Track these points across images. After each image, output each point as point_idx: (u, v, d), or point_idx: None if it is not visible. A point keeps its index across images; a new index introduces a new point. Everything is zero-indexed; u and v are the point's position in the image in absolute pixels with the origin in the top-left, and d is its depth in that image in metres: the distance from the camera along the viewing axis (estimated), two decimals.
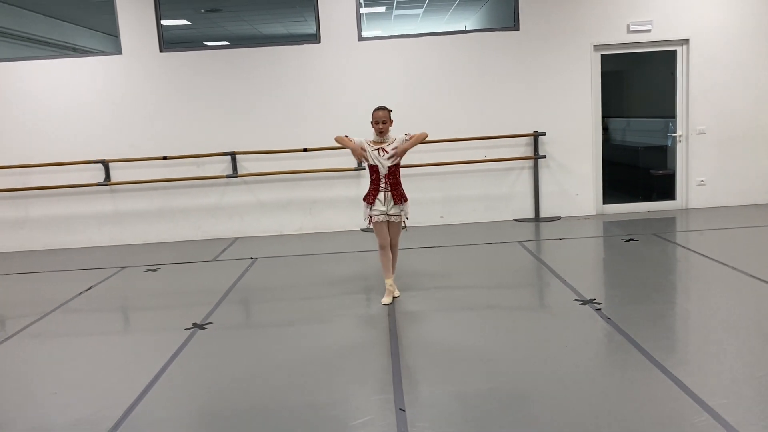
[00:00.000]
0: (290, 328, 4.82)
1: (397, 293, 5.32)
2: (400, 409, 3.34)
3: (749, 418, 3.07)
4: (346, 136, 5.26)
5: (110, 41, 10.91)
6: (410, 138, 5.10)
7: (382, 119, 5.03)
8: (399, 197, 5.10)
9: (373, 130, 5.11)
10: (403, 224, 5.22)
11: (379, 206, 5.09)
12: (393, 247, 5.25)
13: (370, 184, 5.18)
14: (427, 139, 8.01)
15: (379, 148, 5.07)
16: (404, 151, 5.09)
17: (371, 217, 5.13)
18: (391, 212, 5.11)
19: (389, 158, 5.06)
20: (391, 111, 5.15)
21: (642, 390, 3.42)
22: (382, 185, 5.09)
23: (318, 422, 3.29)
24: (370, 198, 5.13)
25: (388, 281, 5.20)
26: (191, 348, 4.47)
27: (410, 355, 4.12)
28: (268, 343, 4.53)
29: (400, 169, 5.19)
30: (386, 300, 5.17)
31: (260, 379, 3.90)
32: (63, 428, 3.42)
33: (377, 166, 5.08)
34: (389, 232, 5.18)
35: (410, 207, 5.27)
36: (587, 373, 3.74)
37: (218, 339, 4.65)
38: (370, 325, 4.78)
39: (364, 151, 5.09)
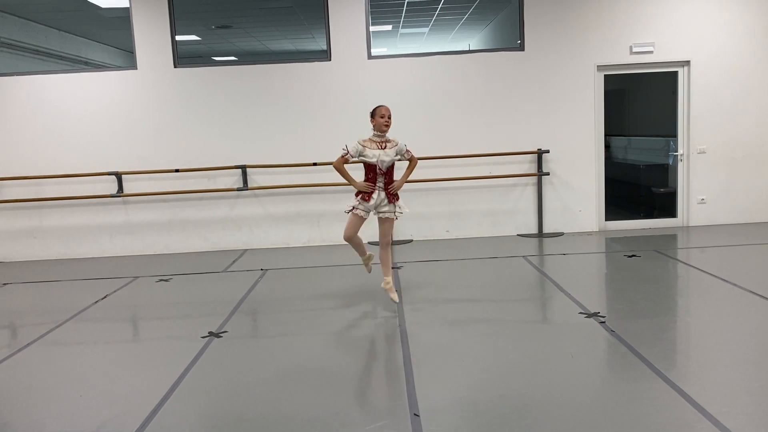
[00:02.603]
0: (304, 337, 4.96)
1: (396, 297, 5.45)
2: (415, 414, 3.48)
3: (749, 426, 3.21)
4: (344, 152, 5.27)
5: (121, 55, 11.14)
6: (408, 166, 5.40)
7: (388, 114, 5.21)
8: (393, 197, 5.26)
9: (371, 127, 5.24)
10: (395, 216, 5.33)
11: (370, 203, 5.24)
12: (386, 243, 5.37)
13: (365, 181, 5.29)
14: (433, 155, 8.27)
15: (378, 147, 5.19)
16: (402, 185, 5.33)
17: (354, 208, 5.27)
18: (383, 209, 5.26)
19: (386, 172, 5.22)
20: None
21: (645, 399, 3.56)
22: (379, 184, 5.23)
23: (336, 426, 3.43)
24: (365, 195, 5.26)
25: (366, 254, 5.56)
26: (209, 355, 4.61)
27: (421, 364, 4.25)
28: (283, 351, 4.67)
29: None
30: (366, 268, 5.65)
31: (277, 385, 4.04)
32: None
33: (375, 165, 5.19)
34: (382, 228, 5.33)
35: (403, 202, 5.41)
36: (593, 382, 3.89)
37: (234, 347, 4.80)
38: (380, 335, 4.92)
39: (364, 156, 5.19)
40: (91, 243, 8.54)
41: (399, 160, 5.38)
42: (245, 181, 8.38)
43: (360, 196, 5.30)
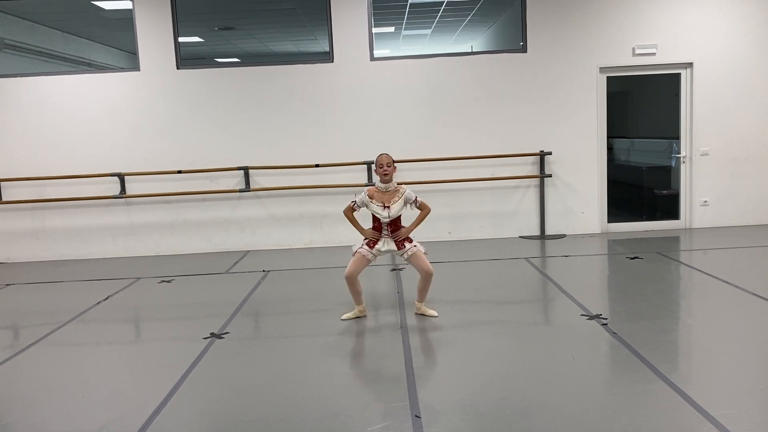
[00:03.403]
0: (305, 338, 4.97)
1: (434, 312, 5.31)
2: (416, 416, 3.48)
3: (752, 429, 3.20)
4: (353, 204, 5.23)
5: (124, 57, 11.17)
6: (418, 215, 5.21)
7: (388, 162, 5.08)
8: (401, 242, 5.13)
9: (377, 177, 5.17)
10: (417, 249, 5.15)
11: (379, 246, 5.13)
12: (426, 274, 5.13)
13: (372, 228, 5.21)
14: (435, 157, 8.28)
15: (382, 205, 5.09)
16: (408, 233, 5.17)
17: (358, 250, 5.14)
18: (400, 251, 5.12)
19: (391, 220, 5.10)
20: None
21: (648, 401, 3.55)
22: (384, 232, 5.16)
23: (337, 428, 3.43)
24: (370, 243, 5.15)
25: (359, 308, 5.31)
26: (211, 356, 4.61)
27: (423, 366, 4.26)
28: (285, 353, 4.67)
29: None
30: (347, 315, 5.32)
31: (279, 386, 4.04)
32: None
33: (379, 217, 5.14)
34: (416, 264, 5.12)
35: (418, 243, 5.21)
36: (594, 384, 3.89)
37: (236, 348, 4.80)
38: (382, 337, 4.92)
39: (367, 206, 5.15)
40: (94, 244, 8.56)
41: (404, 211, 5.18)
42: (247, 183, 8.39)
43: (366, 242, 5.22)
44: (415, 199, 5.18)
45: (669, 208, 8.93)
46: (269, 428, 3.47)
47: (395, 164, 5.18)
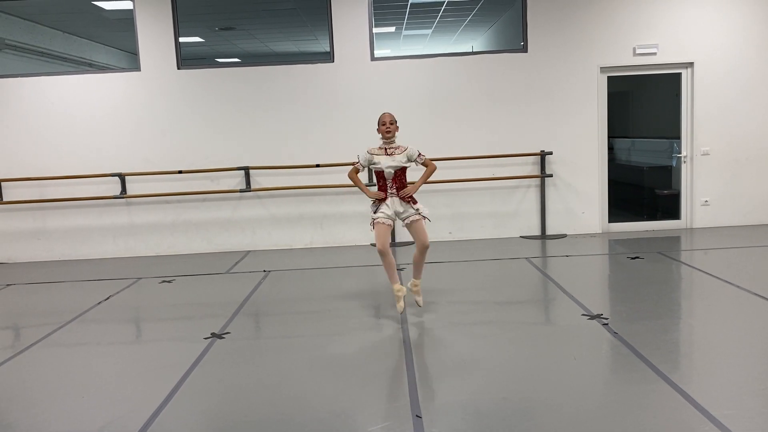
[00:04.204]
0: (306, 338, 4.97)
1: (422, 301, 5.34)
2: (417, 416, 3.48)
3: (753, 428, 3.20)
4: (356, 164, 5.28)
5: (125, 57, 11.17)
6: (424, 171, 5.19)
7: (391, 120, 5.14)
8: (407, 201, 5.12)
9: (380, 136, 5.20)
10: (425, 219, 5.13)
11: (386, 210, 5.12)
12: (423, 246, 5.12)
13: (378, 189, 5.23)
14: (436, 157, 8.24)
15: (385, 153, 5.12)
16: (416, 189, 5.16)
17: (374, 220, 5.12)
18: (404, 215, 5.12)
19: (393, 166, 5.09)
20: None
21: (648, 401, 3.55)
22: (390, 190, 5.15)
23: (338, 427, 3.43)
24: (377, 202, 5.19)
25: (396, 286, 5.17)
26: (211, 356, 4.61)
27: (424, 366, 4.25)
28: (285, 353, 4.67)
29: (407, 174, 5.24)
30: (400, 306, 5.18)
31: (280, 386, 4.04)
32: None
33: (383, 171, 5.13)
34: (413, 233, 5.12)
35: (427, 214, 5.20)
36: (595, 384, 3.89)
37: (237, 348, 4.80)
38: (383, 337, 4.92)
39: (373, 164, 5.16)
40: (95, 244, 8.56)
41: (408, 165, 5.19)
42: (248, 183, 8.39)
43: (373, 203, 5.24)
44: (419, 154, 5.16)
45: (670, 208, 8.92)
46: (270, 428, 3.47)
47: (397, 126, 5.19)
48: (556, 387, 3.80)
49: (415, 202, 5.17)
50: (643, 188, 9.89)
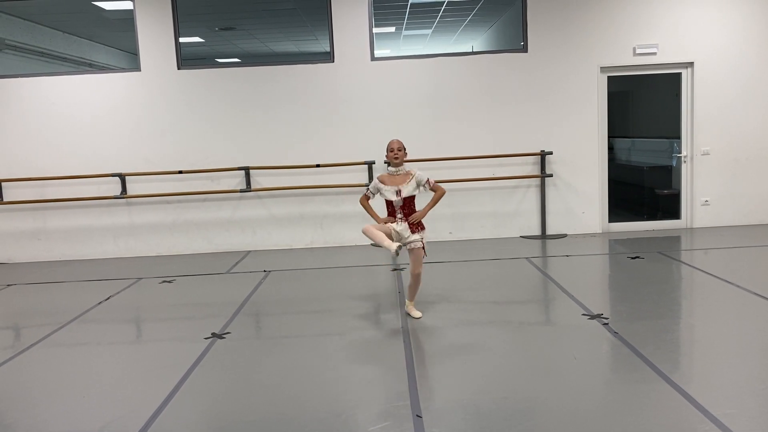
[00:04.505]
0: (307, 338, 4.97)
1: (418, 314, 5.29)
2: (417, 415, 3.48)
3: (753, 428, 3.20)
4: (367, 192, 5.28)
5: (125, 57, 11.17)
6: (432, 196, 5.18)
7: (398, 146, 5.11)
8: (415, 227, 5.13)
9: (389, 163, 5.18)
10: (423, 250, 5.13)
11: (395, 226, 5.12)
12: (416, 275, 5.15)
13: (387, 215, 5.21)
14: (436, 157, 8.27)
15: (394, 189, 5.09)
16: (424, 215, 5.14)
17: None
18: (408, 240, 5.10)
19: (400, 200, 5.08)
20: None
21: (648, 401, 3.55)
22: (399, 216, 5.14)
23: (338, 428, 3.43)
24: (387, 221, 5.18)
25: (387, 243, 4.87)
26: (212, 356, 4.61)
27: (424, 366, 4.26)
28: (286, 353, 4.67)
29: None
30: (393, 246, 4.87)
31: (281, 386, 4.04)
32: None
33: (392, 201, 5.13)
34: (411, 258, 5.12)
35: (427, 233, 5.21)
36: (596, 384, 3.89)
37: (237, 348, 4.80)
38: (383, 337, 4.92)
39: (382, 193, 5.15)
40: (95, 244, 8.56)
41: (417, 192, 5.16)
42: (248, 183, 8.40)
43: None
44: (428, 180, 5.15)
45: (670, 207, 8.92)
46: (270, 428, 3.47)
47: (406, 152, 5.17)
48: (557, 387, 3.80)
49: (422, 229, 5.17)
50: (643, 188, 9.89)
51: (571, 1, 8.23)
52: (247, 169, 8.36)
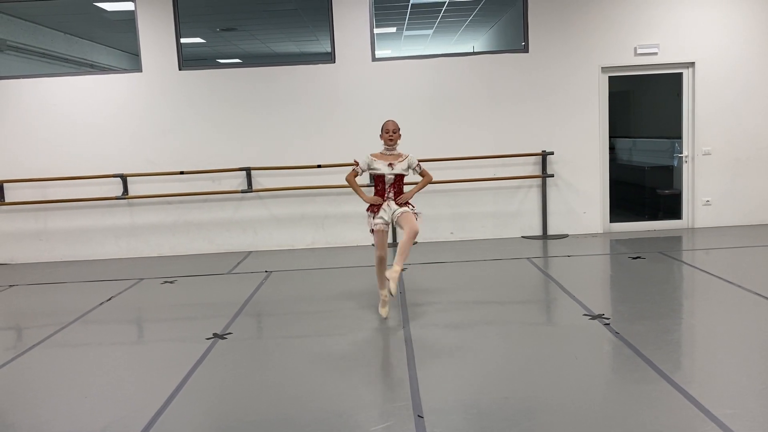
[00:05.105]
0: (308, 338, 4.97)
1: (394, 287, 4.79)
2: (419, 416, 3.48)
3: (755, 428, 3.20)
4: (354, 164, 5.33)
5: (126, 58, 11.18)
6: (421, 180, 5.33)
7: (394, 128, 5.22)
8: (403, 205, 5.18)
9: (382, 142, 5.25)
10: (416, 216, 5.12)
11: (383, 215, 5.18)
12: (413, 232, 4.90)
13: (375, 193, 5.28)
14: (437, 157, 8.27)
15: (386, 159, 5.20)
16: (411, 196, 5.26)
17: (374, 227, 5.19)
18: (396, 215, 5.14)
19: (392, 174, 5.18)
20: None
21: (650, 401, 3.55)
22: (387, 194, 5.22)
23: (340, 428, 3.43)
24: (373, 208, 5.24)
25: (383, 292, 5.15)
26: (213, 357, 4.62)
27: (426, 366, 4.26)
28: (287, 353, 4.67)
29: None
30: (382, 311, 5.17)
31: (282, 386, 4.05)
32: None
33: (383, 176, 5.19)
34: (403, 222, 5.07)
35: (420, 213, 5.26)
36: (597, 384, 3.89)
37: (239, 348, 4.81)
38: (385, 337, 4.93)
39: (373, 169, 5.21)
40: (97, 245, 8.57)
41: (407, 173, 5.29)
42: (250, 183, 8.40)
43: (369, 209, 5.27)
44: (418, 164, 5.28)
45: (671, 207, 8.92)
46: (272, 428, 3.48)
47: (400, 133, 5.25)
48: (558, 387, 3.81)
49: (411, 207, 5.26)
50: (644, 188, 9.88)
51: (571, 1, 8.24)
52: (248, 170, 8.37)
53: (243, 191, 8.39)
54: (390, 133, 5.20)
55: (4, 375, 4.52)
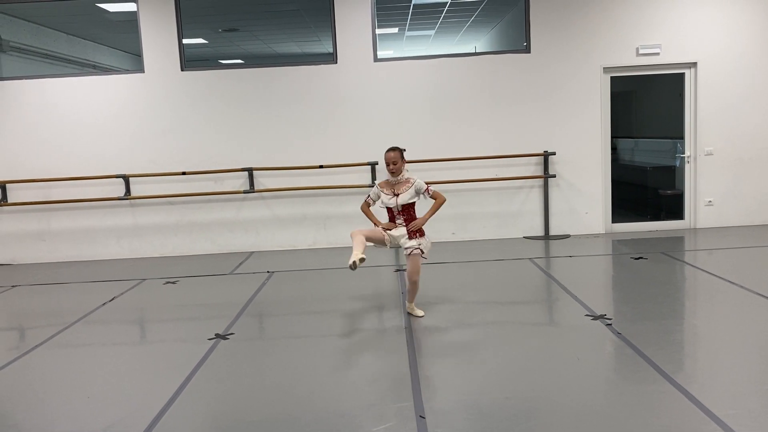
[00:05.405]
0: (310, 339, 4.98)
1: (421, 313, 5.32)
2: (420, 416, 3.48)
3: (756, 428, 3.20)
4: (367, 198, 5.29)
5: (129, 59, 11.19)
6: (433, 204, 5.13)
7: (393, 160, 5.07)
8: (414, 233, 5.12)
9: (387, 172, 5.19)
10: (422, 255, 5.13)
11: (394, 232, 5.13)
12: (413, 282, 5.18)
13: (388, 220, 5.25)
14: (439, 158, 8.28)
15: (392, 194, 5.12)
16: (424, 223, 5.12)
17: (380, 227, 5.14)
18: (406, 245, 5.10)
19: (399, 204, 5.10)
20: (404, 150, 5.18)
21: (652, 402, 3.55)
22: (399, 222, 5.17)
23: (342, 428, 3.44)
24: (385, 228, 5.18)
25: (356, 252, 4.89)
26: (215, 357, 4.63)
27: (427, 366, 4.26)
28: (289, 353, 4.68)
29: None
30: (351, 259, 4.86)
31: (284, 387, 4.06)
32: None
33: (389, 205, 5.16)
34: (408, 264, 5.14)
35: (428, 240, 5.21)
36: (599, 385, 3.89)
37: (241, 349, 4.81)
38: (387, 338, 4.93)
39: (379, 197, 5.20)
40: (99, 245, 8.59)
41: (416, 199, 5.16)
42: (252, 184, 8.41)
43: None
44: (427, 188, 5.14)
45: (673, 208, 8.91)
46: (274, 428, 3.48)
47: (404, 157, 5.14)
48: (560, 387, 3.81)
49: (421, 235, 5.16)
50: (646, 188, 9.88)
51: (573, 1, 8.24)
52: (250, 170, 8.38)
53: (245, 192, 8.40)
54: (391, 166, 5.10)
55: (7, 375, 4.53)
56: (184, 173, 8.36)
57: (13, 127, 8.39)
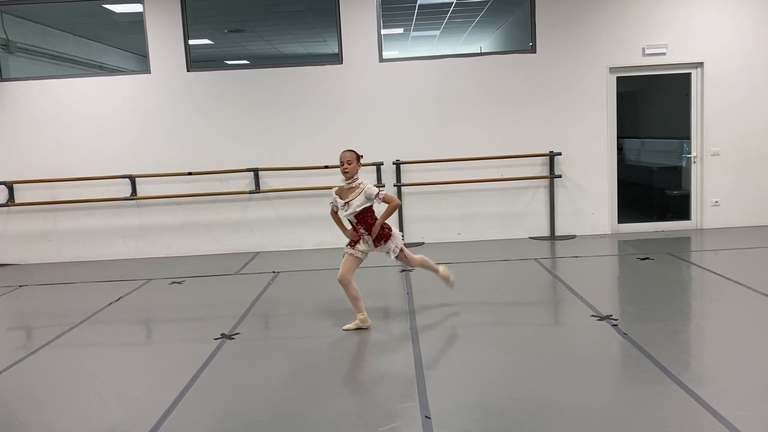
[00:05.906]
0: (315, 339, 4.98)
1: (450, 273, 5.58)
2: (426, 416, 3.48)
3: (765, 429, 3.18)
4: (330, 205, 5.09)
5: (135, 60, 11.23)
6: (385, 209, 4.88)
7: (347, 159, 4.84)
8: (378, 240, 4.97)
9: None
10: (402, 251, 5.08)
11: (361, 247, 5.01)
12: (418, 266, 5.35)
13: (352, 228, 5.07)
14: (445, 158, 8.27)
15: (344, 202, 4.93)
16: (377, 230, 4.91)
17: (345, 251, 5.05)
18: (386, 253, 5.06)
19: (351, 213, 4.91)
20: (361, 156, 5.01)
21: (658, 403, 3.53)
22: (361, 230, 4.99)
23: (347, 428, 3.43)
24: (351, 243, 5.04)
25: (360, 315, 5.07)
26: (221, 357, 4.63)
27: (432, 366, 4.26)
28: (294, 353, 4.68)
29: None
30: (348, 326, 5.07)
31: (289, 387, 4.06)
32: None
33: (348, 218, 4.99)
34: (405, 263, 5.21)
35: (398, 238, 5.08)
36: (605, 385, 3.88)
37: (247, 349, 4.82)
38: (392, 338, 4.92)
39: (337, 207, 5.00)
40: (105, 246, 8.61)
41: (368, 204, 4.92)
42: (257, 184, 8.42)
43: (349, 244, 5.08)
44: (377, 193, 4.88)
45: (680, 208, 8.88)
46: (279, 428, 3.48)
47: (360, 161, 4.95)
48: (565, 388, 3.80)
49: (385, 241, 5.01)
50: (652, 189, 9.85)
51: (579, 1, 8.22)
52: (255, 171, 8.39)
53: (251, 192, 8.42)
54: (344, 165, 4.85)
55: (13, 375, 4.55)
56: (189, 173, 8.38)
57: (21, 127, 8.43)
